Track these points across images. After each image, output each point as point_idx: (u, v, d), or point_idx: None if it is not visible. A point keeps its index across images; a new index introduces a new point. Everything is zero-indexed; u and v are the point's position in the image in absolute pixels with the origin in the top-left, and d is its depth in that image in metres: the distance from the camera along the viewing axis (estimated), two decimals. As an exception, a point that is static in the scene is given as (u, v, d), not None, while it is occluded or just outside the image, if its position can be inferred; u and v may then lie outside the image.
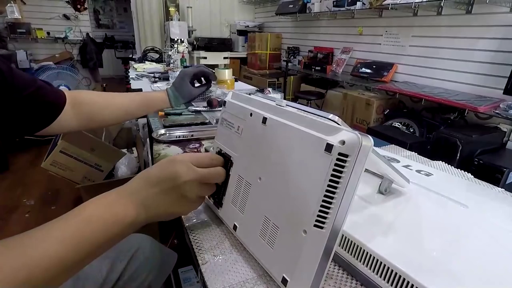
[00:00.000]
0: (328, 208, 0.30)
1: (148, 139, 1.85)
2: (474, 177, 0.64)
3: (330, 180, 0.29)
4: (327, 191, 0.29)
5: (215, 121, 1.06)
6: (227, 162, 0.46)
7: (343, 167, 0.29)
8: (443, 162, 0.71)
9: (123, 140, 2.43)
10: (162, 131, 0.92)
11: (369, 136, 0.28)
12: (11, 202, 1.94)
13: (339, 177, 0.29)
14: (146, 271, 0.65)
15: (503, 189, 0.57)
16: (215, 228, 0.48)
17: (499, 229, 0.41)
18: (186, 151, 0.79)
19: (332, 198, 0.29)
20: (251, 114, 0.43)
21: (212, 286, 0.37)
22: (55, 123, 0.63)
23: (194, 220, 0.50)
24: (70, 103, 0.66)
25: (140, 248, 0.66)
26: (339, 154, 0.29)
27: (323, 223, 0.30)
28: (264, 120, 0.39)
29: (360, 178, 0.29)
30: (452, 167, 0.69)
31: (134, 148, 2.39)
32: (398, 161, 0.63)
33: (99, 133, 2.03)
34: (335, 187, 0.29)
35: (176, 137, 0.87)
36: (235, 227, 0.44)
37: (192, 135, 0.89)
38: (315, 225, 0.30)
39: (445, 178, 0.60)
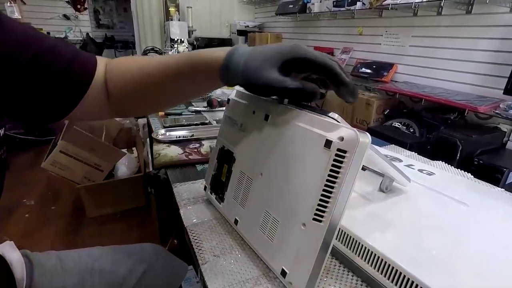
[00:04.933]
0: (327, 202, 0.30)
1: (148, 139, 1.85)
2: (474, 177, 0.64)
3: (329, 175, 0.30)
4: (326, 185, 0.30)
5: (215, 121, 1.06)
6: (230, 158, 0.47)
7: (341, 162, 0.29)
8: (443, 162, 0.71)
9: (123, 140, 2.43)
10: (162, 131, 0.92)
11: (367, 133, 0.29)
12: (11, 202, 1.94)
13: (337, 172, 0.30)
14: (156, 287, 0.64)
15: (503, 189, 0.57)
16: (215, 227, 0.48)
17: (499, 227, 0.42)
18: (186, 151, 0.79)
19: (330, 192, 0.30)
20: (253, 112, 0.43)
21: (212, 286, 0.37)
22: (79, 108, 0.40)
23: (194, 220, 0.50)
24: (102, 77, 0.42)
25: (151, 263, 0.64)
26: (338, 150, 0.30)
27: (322, 216, 0.31)
28: (266, 117, 0.40)
29: (358, 173, 0.29)
30: (452, 167, 0.69)
31: (134, 148, 2.39)
32: (401, 161, 0.63)
33: (99, 133, 2.03)
34: (334, 182, 0.30)
35: (176, 137, 0.88)
36: (236, 222, 0.45)
37: (192, 135, 0.89)
38: (314, 219, 0.31)
39: (447, 177, 0.60)
